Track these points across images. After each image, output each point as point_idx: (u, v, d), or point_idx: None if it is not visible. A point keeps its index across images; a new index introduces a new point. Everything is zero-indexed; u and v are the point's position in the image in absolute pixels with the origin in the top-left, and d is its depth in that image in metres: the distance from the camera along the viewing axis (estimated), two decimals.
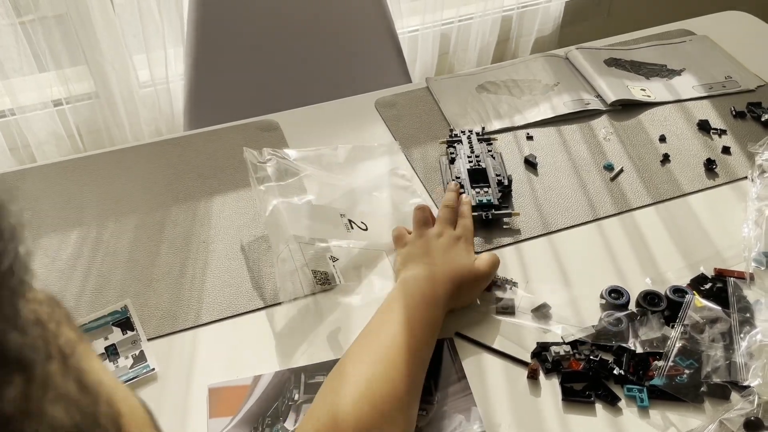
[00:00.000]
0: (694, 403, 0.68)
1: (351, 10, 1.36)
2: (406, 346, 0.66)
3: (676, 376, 0.69)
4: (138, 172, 0.97)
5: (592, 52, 1.17)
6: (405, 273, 0.76)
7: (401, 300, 0.71)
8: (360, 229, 0.85)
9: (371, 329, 0.70)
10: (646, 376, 0.70)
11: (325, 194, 0.89)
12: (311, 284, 0.81)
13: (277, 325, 0.77)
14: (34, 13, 1.51)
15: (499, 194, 0.89)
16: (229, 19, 1.30)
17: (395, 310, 0.70)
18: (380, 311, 0.72)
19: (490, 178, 0.91)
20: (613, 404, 0.68)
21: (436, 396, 0.69)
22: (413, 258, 0.78)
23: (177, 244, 0.86)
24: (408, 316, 0.69)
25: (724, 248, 0.84)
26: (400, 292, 0.72)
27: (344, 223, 0.84)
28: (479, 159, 0.94)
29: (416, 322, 0.69)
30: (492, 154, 0.96)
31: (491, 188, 0.90)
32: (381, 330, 0.69)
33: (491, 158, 0.95)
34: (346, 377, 0.65)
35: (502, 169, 0.94)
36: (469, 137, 0.98)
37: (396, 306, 0.70)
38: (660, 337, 0.72)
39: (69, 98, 1.67)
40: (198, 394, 0.70)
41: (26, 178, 0.96)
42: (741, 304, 0.75)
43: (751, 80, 1.11)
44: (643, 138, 1.01)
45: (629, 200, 0.92)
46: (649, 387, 0.69)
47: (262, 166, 0.88)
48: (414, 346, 0.67)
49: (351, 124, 1.05)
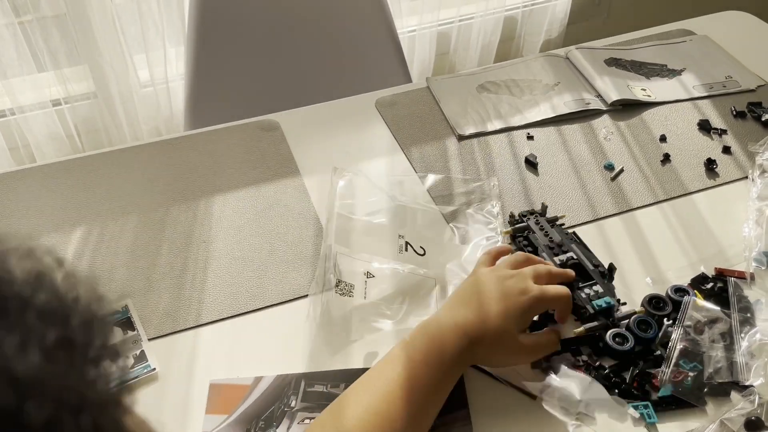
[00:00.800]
0: (699, 407, 0.67)
1: (351, 10, 1.36)
2: (406, 403, 0.60)
3: (682, 381, 0.68)
4: (138, 172, 0.97)
5: (592, 51, 1.17)
6: (443, 310, 0.68)
7: (418, 346, 0.64)
8: (416, 253, 0.81)
9: (376, 373, 0.64)
10: (652, 387, 0.68)
11: (394, 216, 0.86)
12: (331, 293, 0.77)
13: (279, 326, 0.77)
14: (33, 13, 1.51)
15: (612, 286, 0.74)
16: (229, 19, 1.30)
17: (407, 356, 0.63)
18: (392, 352, 0.65)
19: (590, 271, 0.74)
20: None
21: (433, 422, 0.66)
22: (461, 297, 0.68)
23: (177, 244, 0.86)
24: (417, 367, 0.62)
25: (724, 248, 0.84)
26: (421, 336, 0.65)
27: (400, 243, 0.81)
28: (563, 249, 0.77)
29: (424, 374, 0.62)
30: (572, 238, 0.80)
31: (599, 284, 0.73)
32: (384, 377, 0.63)
33: (574, 244, 0.79)
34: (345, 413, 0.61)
35: (590, 254, 0.78)
36: (537, 221, 0.82)
37: (410, 352, 0.64)
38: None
39: (68, 98, 1.67)
40: (198, 394, 0.70)
41: (26, 178, 0.96)
42: (742, 304, 0.75)
43: (752, 80, 1.11)
44: (643, 138, 1.01)
45: (630, 200, 0.91)
46: (657, 400, 0.67)
47: (336, 181, 0.89)
48: (415, 402, 0.61)
49: (351, 123, 1.05)
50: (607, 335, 0.70)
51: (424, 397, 0.62)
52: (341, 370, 0.71)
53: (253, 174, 0.96)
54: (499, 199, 0.90)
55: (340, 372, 0.71)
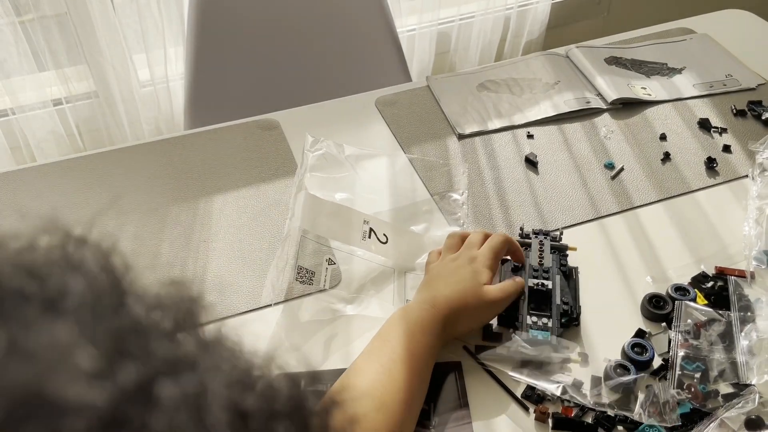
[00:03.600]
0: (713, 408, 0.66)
1: (351, 10, 1.36)
2: (400, 378, 0.63)
3: (694, 391, 0.67)
4: (138, 172, 0.97)
5: (592, 50, 1.17)
6: (414, 297, 0.74)
7: (397, 326, 0.68)
8: (379, 240, 0.82)
9: (365, 358, 0.67)
10: (671, 407, 0.66)
11: (361, 198, 0.87)
12: (291, 279, 0.78)
13: (277, 325, 0.77)
14: (34, 13, 1.51)
15: (561, 329, 0.72)
16: (229, 18, 1.30)
17: (391, 338, 0.67)
18: (376, 338, 0.69)
19: (553, 304, 0.74)
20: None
21: (434, 420, 0.67)
22: (425, 283, 0.75)
23: (177, 243, 0.86)
24: (403, 348, 0.65)
25: (725, 246, 0.84)
26: (398, 318, 0.69)
27: (364, 229, 0.81)
28: (547, 275, 0.76)
29: (410, 353, 0.65)
30: (565, 270, 0.78)
31: (552, 319, 0.72)
32: (373, 361, 0.66)
33: (562, 276, 0.77)
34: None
35: (574, 293, 0.77)
36: (541, 242, 0.80)
37: (393, 334, 0.67)
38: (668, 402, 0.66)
39: (69, 97, 1.67)
40: None
41: (26, 177, 0.96)
42: (742, 303, 0.75)
43: (752, 78, 1.11)
44: (643, 136, 1.01)
45: (630, 199, 0.91)
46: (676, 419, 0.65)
47: (308, 153, 0.89)
48: (406, 378, 0.63)
49: (351, 122, 1.05)
50: (609, 367, 0.69)
51: (410, 384, 0.64)
52: (342, 370, 0.71)
53: (253, 173, 0.96)
54: (467, 188, 0.92)
55: (340, 372, 0.71)
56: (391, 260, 0.82)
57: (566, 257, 0.80)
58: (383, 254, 0.82)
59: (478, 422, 0.67)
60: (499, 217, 0.89)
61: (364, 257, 0.82)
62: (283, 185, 0.94)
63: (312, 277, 0.79)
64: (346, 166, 0.92)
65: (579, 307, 0.75)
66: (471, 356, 0.72)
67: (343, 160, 0.92)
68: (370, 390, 0.63)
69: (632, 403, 0.67)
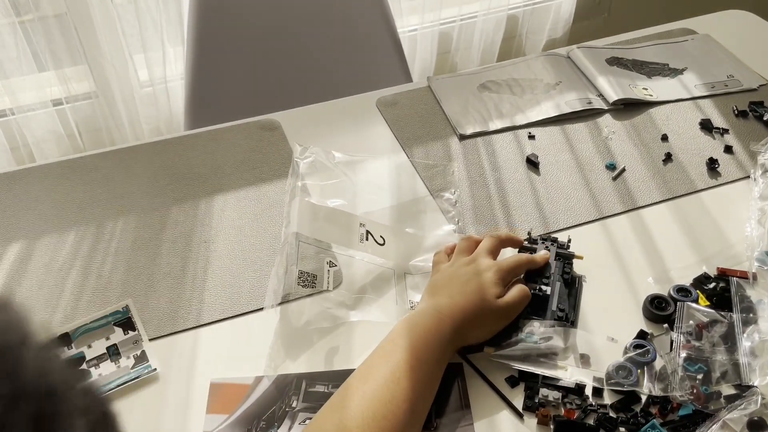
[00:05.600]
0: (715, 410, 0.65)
1: (351, 10, 1.36)
2: (407, 387, 0.63)
3: (696, 393, 0.66)
4: (138, 172, 0.96)
5: (593, 51, 1.17)
6: (421, 304, 0.73)
7: (405, 336, 0.67)
8: (376, 242, 0.81)
9: (371, 364, 0.66)
10: (673, 408, 0.66)
11: (355, 202, 0.86)
12: (293, 284, 0.78)
13: (279, 327, 0.76)
14: (34, 13, 1.51)
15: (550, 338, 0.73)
16: (229, 18, 1.30)
17: (398, 346, 0.66)
18: (382, 345, 0.68)
19: (548, 310, 0.74)
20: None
21: (435, 422, 0.66)
22: (434, 288, 0.74)
23: (178, 244, 0.86)
24: (410, 355, 0.65)
25: (726, 247, 0.84)
26: (405, 326, 0.68)
27: (360, 232, 0.81)
28: (547, 282, 0.76)
29: (417, 360, 0.64)
30: (567, 278, 0.77)
31: (545, 326, 0.72)
32: (380, 367, 0.65)
33: (563, 283, 0.77)
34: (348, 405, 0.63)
35: (573, 302, 0.77)
36: (547, 248, 0.80)
37: (399, 342, 0.66)
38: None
39: (69, 98, 1.67)
40: (199, 394, 0.70)
41: (26, 177, 0.95)
42: (744, 304, 0.74)
43: (753, 79, 1.11)
44: (645, 137, 1.01)
45: (632, 199, 0.91)
46: (678, 419, 0.65)
47: (298, 161, 0.88)
48: (413, 387, 0.63)
49: (352, 123, 1.05)
50: (610, 369, 0.69)
51: (417, 394, 0.63)
52: (342, 371, 0.71)
53: (254, 174, 0.96)
54: (458, 187, 0.92)
55: (340, 372, 0.71)
56: (391, 262, 0.82)
57: (571, 265, 0.79)
58: (381, 256, 0.81)
59: (480, 423, 0.67)
60: (500, 217, 0.89)
61: (364, 259, 0.82)
62: (284, 186, 0.93)
63: (314, 280, 0.79)
64: (336, 172, 0.92)
65: (576, 314, 0.75)
66: (465, 360, 0.72)
67: (333, 167, 0.92)
68: (375, 398, 0.62)
69: (634, 404, 0.67)
